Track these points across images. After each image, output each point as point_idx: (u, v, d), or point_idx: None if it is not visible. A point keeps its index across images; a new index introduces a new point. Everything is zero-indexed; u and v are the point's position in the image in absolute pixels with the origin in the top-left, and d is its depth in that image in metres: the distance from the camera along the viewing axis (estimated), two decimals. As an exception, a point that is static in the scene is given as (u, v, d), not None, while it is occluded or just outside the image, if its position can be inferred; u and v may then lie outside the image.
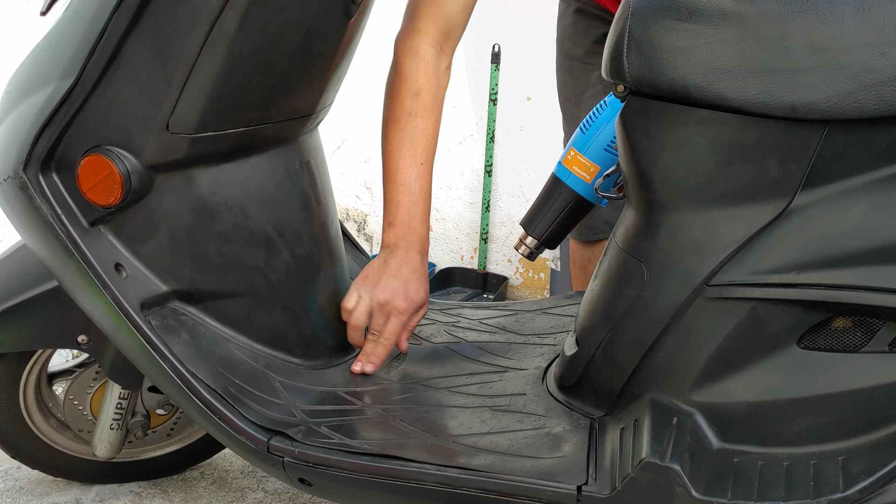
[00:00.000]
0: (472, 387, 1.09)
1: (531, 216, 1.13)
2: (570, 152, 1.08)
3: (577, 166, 1.07)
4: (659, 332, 0.89)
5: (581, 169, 1.07)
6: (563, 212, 1.09)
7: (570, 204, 1.09)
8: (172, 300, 1.06)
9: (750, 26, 0.79)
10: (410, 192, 1.13)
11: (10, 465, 1.48)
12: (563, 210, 1.09)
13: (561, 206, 1.09)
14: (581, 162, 1.07)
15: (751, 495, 0.81)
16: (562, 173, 1.09)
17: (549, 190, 1.11)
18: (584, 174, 1.07)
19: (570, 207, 1.09)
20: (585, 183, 1.07)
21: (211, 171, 1.04)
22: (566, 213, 1.10)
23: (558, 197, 1.09)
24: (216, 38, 0.94)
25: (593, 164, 1.06)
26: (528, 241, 1.13)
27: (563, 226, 1.11)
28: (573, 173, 1.08)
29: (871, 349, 0.83)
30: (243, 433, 0.99)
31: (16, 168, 0.99)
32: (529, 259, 1.15)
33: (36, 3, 2.44)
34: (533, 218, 1.12)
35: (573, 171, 1.08)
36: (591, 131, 1.07)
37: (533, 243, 1.13)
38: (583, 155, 1.07)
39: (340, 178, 2.69)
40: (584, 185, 1.08)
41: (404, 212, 1.13)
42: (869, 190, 0.80)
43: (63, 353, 1.56)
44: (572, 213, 1.10)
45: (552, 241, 1.12)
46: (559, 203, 1.09)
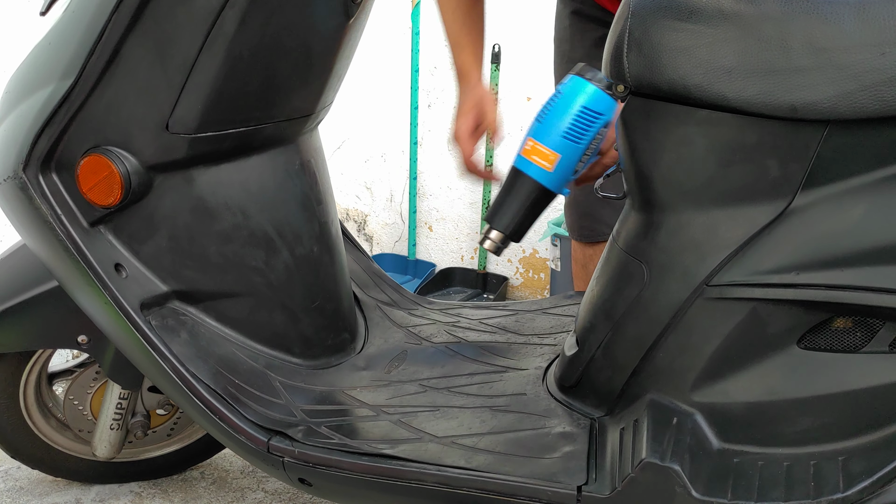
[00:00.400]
0: (473, 387, 1.09)
1: (494, 210, 1.12)
2: (528, 142, 1.08)
3: (536, 156, 1.06)
4: (659, 333, 0.89)
5: (541, 158, 1.06)
6: (527, 203, 1.09)
7: (532, 194, 1.08)
8: (172, 300, 1.06)
9: (750, 26, 0.79)
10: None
11: (10, 465, 1.48)
12: (526, 201, 1.09)
13: (524, 197, 1.09)
14: (541, 151, 1.06)
15: (751, 496, 0.81)
16: (522, 164, 1.08)
17: (511, 182, 1.10)
18: (544, 163, 1.06)
19: (532, 198, 1.08)
20: (546, 172, 1.06)
21: (211, 171, 1.04)
22: (529, 204, 1.09)
23: (520, 188, 1.09)
24: (216, 38, 0.94)
25: (553, 153, 1.05)
26: (493, 235, 1.12)
27: (528, 217, 1.10)
28: (533, 163, 1.07)
29: (872, 349, 0.83)
30: (243, 433, 0.99)
31: (16, 168, 0.99)
32: (496, 254, 1.14)
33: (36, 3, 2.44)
34: (496, 211, 1.11)
35: (533, 160, 1.07)
36: (548, 120, 1.06)
37: (498, 237, 1.11)
38: (542, 144, 1.06)
39: (340, 178, 2.69)
40: (545, 174, 1.07)
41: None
42: (869, 190, 0.79)
43: (63, 353, 1.56)
44: (535, 204, 1.09)
45: (517, 234, 1.12)
46: (522, 194, 1.09)
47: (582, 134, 1.04)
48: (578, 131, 1.04)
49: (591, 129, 1.04)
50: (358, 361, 1.18)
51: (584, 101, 1.03)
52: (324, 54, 1.07)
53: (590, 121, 1.04)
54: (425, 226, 2.65)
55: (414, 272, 2.62)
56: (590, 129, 1.04)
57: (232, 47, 0.95)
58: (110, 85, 0.96)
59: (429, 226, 2.65)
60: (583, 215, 1.54)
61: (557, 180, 1.07)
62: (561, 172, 1.06)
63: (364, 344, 1.24)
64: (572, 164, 1.06)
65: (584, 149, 1.05)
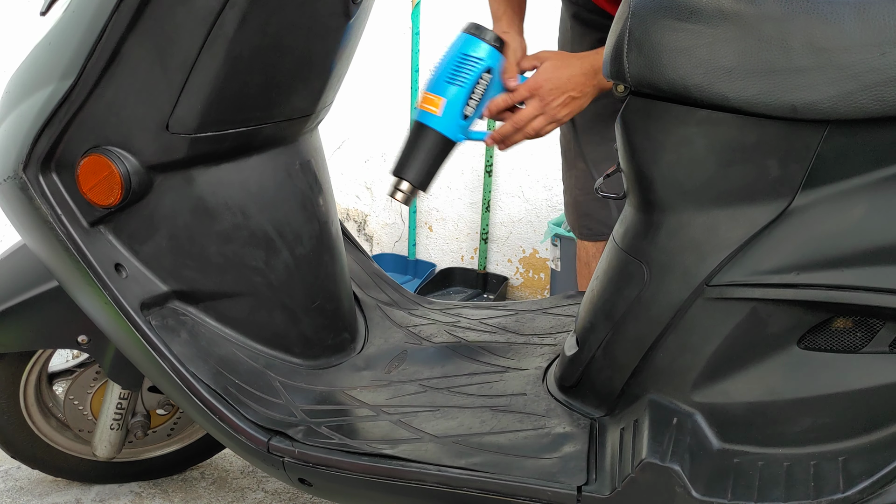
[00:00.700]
0: (473, 387, 1.09)
1: (401, 163, 1.19)
2: (420, 94, 1.19)
3: (427, 103, 1.17)
4: (659, 333, 0.89)
5: (430, 105, 1.17)
6: (429, 152, 1.18)
7: (431, 142, 1.17)
8: (172, 300, 1.06)
9: (750, 26, 0.79)
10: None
11: (11, 465, 1.48)
12: (427, 150, 1.18)
13: (425, 146, 1.18)
14: (430, 98, 1.17)
15: (751, 496, 0.81)
16: (420, 116, 1.18)
17: (413, 134, 1.20)
18: (433, 108, 1.17)
19: (431, 146, 1.18)
20: (436, 116, 1.17)
21: (211, 171, 1.04)
22: (431, 153, 1.18)
23: (420, 138, 1.18)
24: (216, 38, 0.93)
25: (439, 97, 1.16)
26: (403, 186, 1.19)
27: (432, 166, 1.19)
28: (426, 111, 1.18)
29: (872, 350, 0.83)
30: (243, 433, 0.99)
31: (16, 168, 0.99)
32: (406, 204, 1.21)
33: (36, 3, 2.44)
34: (403, 164, 1.19)
35: (425, 108, 1.18)
36: (435, 70, 1.18)
37: (408, 187, 1.19)
38: (431, 92, 1.17)
39: (340, 178, 2.69)
40: (435, 119, 1.17)
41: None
42: (869, 190, 0.79)
43: (63, 353, 1.56)
44: (436, 152, 1.19)
45: (424, 183, 1.19)
46: (423, 143, 1.18)
47: (463, 77, 1.16)
48: (460, 75, 1.16)
49: (471, 73, 1.17)
50: (358, 361, 1.18)
51: (462, 49, 1.17)
52: (324, 54, 1.07)
53: (469, 65, 1.17)
54: (425, 226, 2.65)
55: (414, 272, 2.62)
56: (470, 72, 1.17)
57: (232, 47, 0.95)
58: (110, 85, 0.96)
59: (429, 226, 2.65)
60: (582, 215, 1.55)
61: (448, 124, 1.17)
62: (449, 116, 1.17)
63: (364, 344, 1.24)
64: (458, 107, 1.17)
65: (467, 92, 1.17)
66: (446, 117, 1.17)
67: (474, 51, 1.18)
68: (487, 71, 1.18)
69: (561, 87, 1.20)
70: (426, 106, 1.18)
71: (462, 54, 1.17)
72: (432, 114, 1.17)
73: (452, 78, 1.17)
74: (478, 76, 1.18)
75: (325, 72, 1.09)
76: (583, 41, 1.49)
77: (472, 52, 1.18)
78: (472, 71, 1.17)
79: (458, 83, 1.17)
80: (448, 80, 1.17)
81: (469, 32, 1.18)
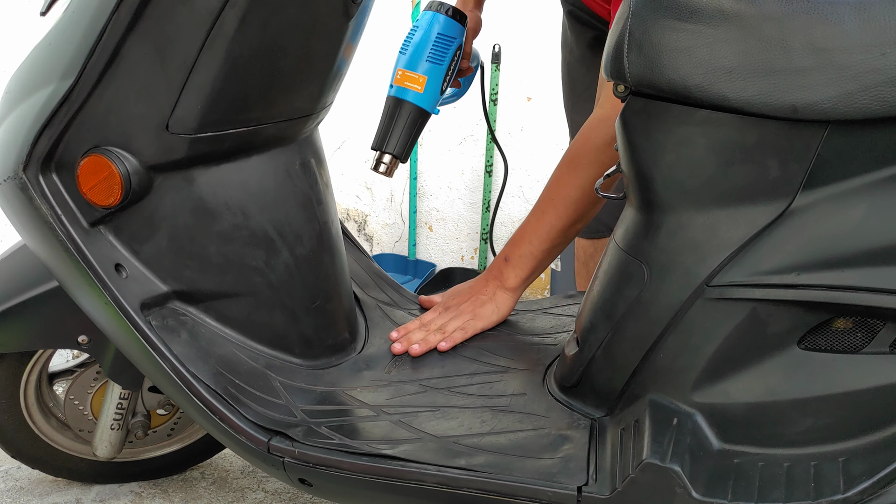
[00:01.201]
0: (473, 387, 1.09)
1: (381, 137, 1.27)
2: (398, 73, 1.27)
3: (408, 81, 1.26)
4: (659, 333, 0.89)
5: (412, 82, 1.26)
6: (408, 125, 1.26)
7: (411, 116, 1.26)
8: (172, 300, 1.06)
9: (750, 26, 0.79)
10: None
11: (11, 465, 1.48)
12: (407, 123, 1.26)
13: (405, 120, 1.26)
14: (411, 77, 1.25)
15: (751, 496, 0.81)
16: (399, 92, 1.26)
17: (392, 110, 1.27)
18: (415, 86, 1.26)
19: (411, 119, 1.26)
20: (419, 93, 1.26)
21: (211, 172, 1.04)
22: (410, 126, 1.27)
23: (401, 113, 1.26)
24: (216, 38, 0.93)
25: (421, 76, 1.25)
26: (386, 158, 1.27)
27: (412, 138, 1.27)
28: (408, 88, 1.26)
29: (872, 350, 0.83)
30: (243, 433, 0.99)
31: (16, 168, 0.99)
32: (388, 176, 1.28)
33: (36, 3, 2.44)
34: (384, 138, 1.27)
35: (406, 86, 1.26)
36: (412, 50, 1.26)
37: (390, 159, 1.27)
38: (411, 71, 1.26)
39: (340, 178, 2.69)
40: (418, 96, 1.26)
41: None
42: (870, 191, 0.79)
43: (63, 353, 1.56)
44: (415, 124, 1.27)
45: (405, 154, 1.27)
46: (402, 117, 1.26)
47: (442, 56, 1.26)
48: (439, 54, 1.26)
49: (448, 51, 1.27)
50: (358, 361, 1.18)
51: (439, 29, 1.26)
52: (324, 54, 1.06)
53: (446, 44, 1.26)
54: (425, 226, 2.65)
55: (414, 272, 2.63)
56: (447, 51, 1.26)
57: (232, 47, 0.95)
58: (110, 85, 0.96)
59: (429, 226, 2.65)
60: None
61: (429, 99, 1.26)
62: (430, 92, 1.26)
63: (364, 344, 1.24)
64: (438, 84, 1.27)
65: (445, 69, 1.27)
66: (427, 93, 1.26)
67: (449, 31, 1.27)
68: (459, 47, 1.29)
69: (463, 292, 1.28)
70: (408, 84, 1.26)
71: (439, 34, 1.27)
72: (415, 91, 1.26)
73: (433, 57, 1.26)
74: (453, 53, 1.28)
75: (326, 72, 1.09)
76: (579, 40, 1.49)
77: (447, 32, 1.27)
78: (450, 49, 1.27)
79: (438, 61, 1.26)
80: (429, 60, 1.26)
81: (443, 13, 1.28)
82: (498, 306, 1.24)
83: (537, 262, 1.23)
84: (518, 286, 1.24)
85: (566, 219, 1.19)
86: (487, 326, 1.23)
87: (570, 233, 1.21)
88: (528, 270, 1.23)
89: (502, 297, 1.24)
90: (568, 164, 1.19)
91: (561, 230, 1.20)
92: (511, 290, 1.24)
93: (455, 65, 1.29)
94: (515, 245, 1.24)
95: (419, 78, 1.25)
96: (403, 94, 1.26)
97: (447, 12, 1.27)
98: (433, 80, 1.27)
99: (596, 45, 1.48)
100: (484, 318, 1.23)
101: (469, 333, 1.21)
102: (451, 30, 1.28)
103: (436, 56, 1.26)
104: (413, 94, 1.26)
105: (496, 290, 1.25)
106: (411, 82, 1.26)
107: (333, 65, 1.09)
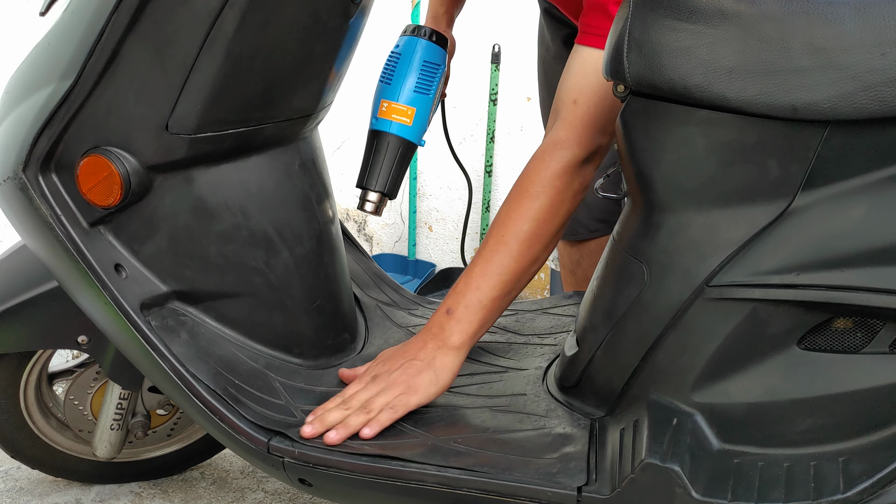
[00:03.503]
0: (473, 387, 1.09)
1: (366, 174, 1.20)
2: (382, 104, 1.18)
3: (395, 114, 1.17)
4: (659, 333, 0.89)
5: (400, 115, 1.17)
6: (395, 160, 1.19)
7: (398, 150, 1.18)
8: (172, 300, 1.06)
9: (750, 26, 0.79)
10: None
11: (11, 465, 1.48)
12: (394, 158, 1.19)
13: (392, 155, 1.18)
14: (398, 109, 1.17)
15: (751, 496, 0.81)
16: (383, 125, 1.18)
17: (375, 145, 1.20)
18: (403, 119, 1.17)
19: (399, 154, 1.19)
20: (407, 126, 1.18)
21: (211, 172, 1.04)
22: (398, 160, 1.19)
23: (386, 147, 1.18)
24: (215, 38, 0.93)
25: (409, 108, 1.17)
26: (372, 196, 1.20)
27: (399, 173, 1.21)
28: (394, 121, 1.18)
29: (872, 350, 0.83)
30: (243, 433, 0.99)
31: (15, 169, 0.99)
32: (377, 215, 1.22)
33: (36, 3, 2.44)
34: (369, 175, 1.20)
35: (393, 119, 1.17)
36: (396, 80, 1.17)
37: (377, 197, 1.20)
38: (397, 102, 1.17)
39: (340, 178, 2.69)
40: (406, 129, 1.18)
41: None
42: (869, 191, 0.79)
43: (63, 353, 1.56)
44: (402, 159, 1.20)
45: (393, 191, 1.21)
46: (389, 152, 1.18)
47: (429, 85, 1.18)
48: (426, 83, 1.17)
49: (435, 79, 1.18)
50: (358, 362, 1.18)
51: (424, 56, 1.17)
52: (324, 54, 1.06)
53: (432, 72, 1.18)
54: (425, 226, 2.65)
55: (414, 272, 2.62)
56: (434, 79, 1.18)
57: (232, 47, 0.94)
58: (110, 85, 0.96)
59: (429, 226, 2.65)
60: None
61: (417, 132, 1.19)
62: (419, 124, 1.18)
63: (364, 344, 1.24)
64: (426, 114, 1.19)
65: (433, 98, 1.18)
66: (416, 126, 1.18)
67: (434, 57, 1.19)
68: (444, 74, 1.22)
69: (395, 356, 1.06)
70: (395, 117, 1.17)
71: (425, 62, 1.18)
72: (403, 124, 1.18)
73: (420, 87, 1.18)
74: (439, 80, 1.20)
75: (325, 72, 1.09)
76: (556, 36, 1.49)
77: (432, 59, 1.19)
78: (436, 77, 1.19)
79: (425, 91, 1.18)
80: (416, 90, 1.17)
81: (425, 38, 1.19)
82: (437, 374, 1.02)
83: (487, 314, 1.03)
84: (464, 343, 1.03)
85: (520, 258, 1.01)
86: (424, 401, 1.01)
87: (525, 277, 1.03)
88: (476, 324, 1.03)
89: (443, 361, 1.02)
90: (518, 194, 1.03)
91: (514, 273, 1.02)
92: (455, 350, 1.03)
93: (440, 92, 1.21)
94: (460, 294, 1.03)
95: (407, 110, 1.16)
96: (389, 128, 1.17)
97: (430, 37, 1.18)
98: (421, 111, 1.18)
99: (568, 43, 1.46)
100: (419, 390, 1.00)
101: (400, 413, 0.99)
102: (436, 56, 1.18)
103: (423, 85, 1.17)
104: (400, 128, 1.17)
105: (436, 353, 1.02)
106: (399, 115, 1.17)
107: (333, 65, 1.09)
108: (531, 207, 1.02)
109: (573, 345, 1.02)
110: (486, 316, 1.03)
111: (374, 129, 1.20)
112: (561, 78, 1.08)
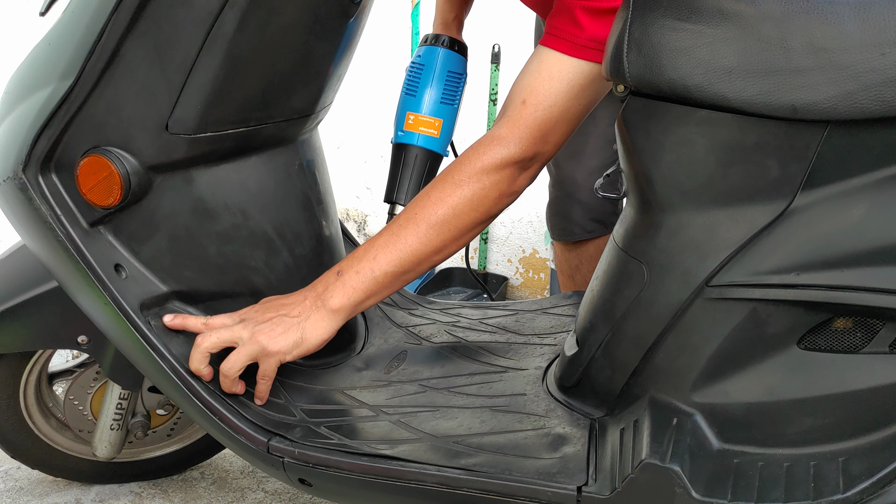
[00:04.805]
0: (473, 387, 1.09)
1: (395, 189, 1.18)
2: (408, 117, 1.17)
3: (422, 126, 1.16)
4: (659, 333, 0.89)
5: (427, 127, 1.16)
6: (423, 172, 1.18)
7: (426, 163, 1.17)
8: (172, 301, 1.06)
9: (750, 26, 0.79)
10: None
11: (11, 465, 1.48)
12: (424, 170, 1.17)
13: (421, 168, 1.17)
14: (425, 121, 1.16)
15: (751, 496, 0.81)
16: (409, 138, 1.17)
17: (402, 159, 1.18)
18: (430, 130, 1.16)
19: (430, 165, 1.18)
20: (434, 138, 1.17)
21: (210, 172, 1.04)
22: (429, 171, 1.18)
23: (414, 160, 1.17)
24: (215, 38, 0.93)
25: (436, 119, 1.16)
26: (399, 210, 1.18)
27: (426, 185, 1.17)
28: (421, 133, 1.16)
29: (872, 350, 0.83)
30: (243, 433, 0.99)
31: (15, 169, 0.99)
32: None
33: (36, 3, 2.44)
34: (398, 190, 1.18)
35: (420, 131, 1.16)
36: (421, 92, 1.16)
37: None
38: (423, 114, 1.16)
39: (340, 178, 2.69)
40: (433, 141, 1.17)
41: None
42: (869, 191, 0.79)
43: (63, 353, 1.56)
44: (431, 171, 1.18)
45: None
46: (418, 165, 1.17)
47: (454, 95, 1.17)
48: (451, 94, 1.16)
49: (459, 88, 1.17)
50: (358, 361, 1.18)
51: (447, 66, 1.16)
52: (323, 54, 1.06)
53: (456, 82, 1.16)
54: (425, 226, 2.65)
55: (414, 272, 2.62)
56: (458, 88, 1.17)
57: (232, 47, 0.95)
58: (110, 85, 0.96)
59: (429, 226, 2.65)
60: (555, 214, 1.55)
61: (444, 143, 1.18)
62: (445, 135, 1.17)
63: (364, 344, 1.24)
64: (452, 125, 1.18)
65: (457, 108, 1.17)
66: (443, 137, 1.17)
67: (457, 66, 1.17)
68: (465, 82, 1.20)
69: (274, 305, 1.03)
70: (423, 129, 1.16)
71: (449, 72, 1.17)
72: (430, 136, 1.16)
73: (446, 98, 1.17)
74: (462, 89, 1.19)
75: (325, 72, 1.09)
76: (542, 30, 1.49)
77: (456, 69, 1.17)
78: (460, 86, 1.18)
79: (451, 101, 1.17)
80: (443, 101, 1.16)
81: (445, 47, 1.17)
82: (305, 336, 0.99)
83: (376, 287, 1.01)
84: (342, 308, 1.00)
85: (425, 241, 1.00)
86: (281, 361, 0.99)
87: (425, 262, 1.01)
88: (361, 293, 1.00)
89: (315, 322, 1.00)
90: (443, 179, 1.02)
91: (415, 254, 1.00)
92: (332, 312, 1.00)
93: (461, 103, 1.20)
94: (356, 260, 1.01)
95: (434, 122, 1.15)
96: (416, 140, 1.16)
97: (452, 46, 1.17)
98: (448, 122, 1.17)
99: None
100: (276, 354, 0.98)
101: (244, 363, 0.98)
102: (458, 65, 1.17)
103: (448, 96, 1.16)
104: (427, 140, 1.16)
105: (311, 312, 1.00)
106: (427, 127, 1.16)
107: (332, 65, 1.09)
108: (451, 195, 1.00)
109: (573, 345, 1.02)
110: (374, 289, 1.01)
111: (400, 143, 1.18)
112: (517, 75, 1.05)
